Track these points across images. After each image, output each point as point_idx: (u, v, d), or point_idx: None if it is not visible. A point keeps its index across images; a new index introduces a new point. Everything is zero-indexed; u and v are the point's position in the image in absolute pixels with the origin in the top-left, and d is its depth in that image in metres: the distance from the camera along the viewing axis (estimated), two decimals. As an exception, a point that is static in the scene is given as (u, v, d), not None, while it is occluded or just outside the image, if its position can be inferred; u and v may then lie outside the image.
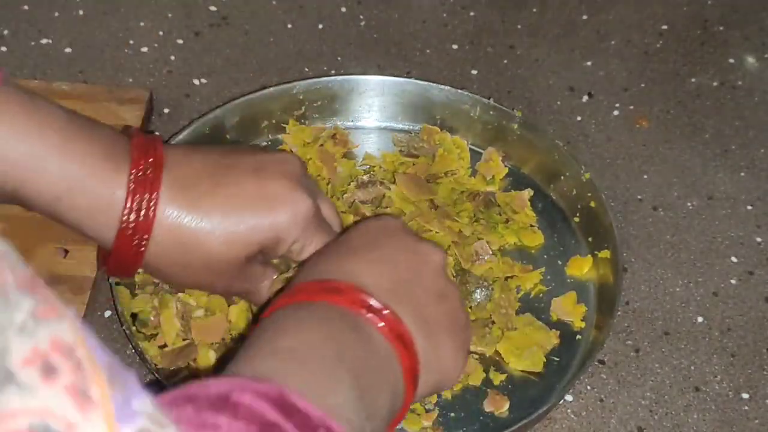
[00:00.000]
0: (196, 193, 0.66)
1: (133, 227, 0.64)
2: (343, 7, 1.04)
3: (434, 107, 0.90)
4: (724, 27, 1.05)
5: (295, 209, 0.67)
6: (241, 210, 0.66)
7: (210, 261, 0.67)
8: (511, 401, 0.74)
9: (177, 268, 0.67)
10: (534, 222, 0.85)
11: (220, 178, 0.67)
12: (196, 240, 0.66)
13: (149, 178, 0.64)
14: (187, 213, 0.65)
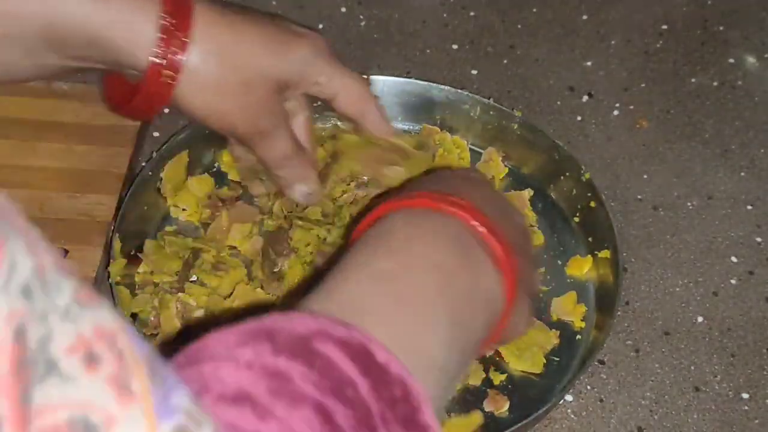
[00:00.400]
0: (232, 17, 0.66)
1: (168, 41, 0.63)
2: (343, 7, 1.04)
3: (434, 107, 0.90)
4: (724, 27, 1.05)
5: (317, 41, 0.71)
6: (273, 35, 0.68)
7: (249, 82, 0.67)
8: (511, 401, 0.74)
9: (211, 90, 0.66)
10: (534, 222, 0.85)
11: (249, 11, 0.69)
12: (234, 56, 0.66)
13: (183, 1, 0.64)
14: (222, 31, 0.65)
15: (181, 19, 0.63)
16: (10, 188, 0.82)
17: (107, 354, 0.31)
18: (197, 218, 0.83)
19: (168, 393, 0.33)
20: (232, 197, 0.84)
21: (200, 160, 0.86)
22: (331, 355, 0.43)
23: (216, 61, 0.65)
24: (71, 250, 0.79)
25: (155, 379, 0.33)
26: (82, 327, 0.31)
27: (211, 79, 0.65)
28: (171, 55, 0.63)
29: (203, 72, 0.65)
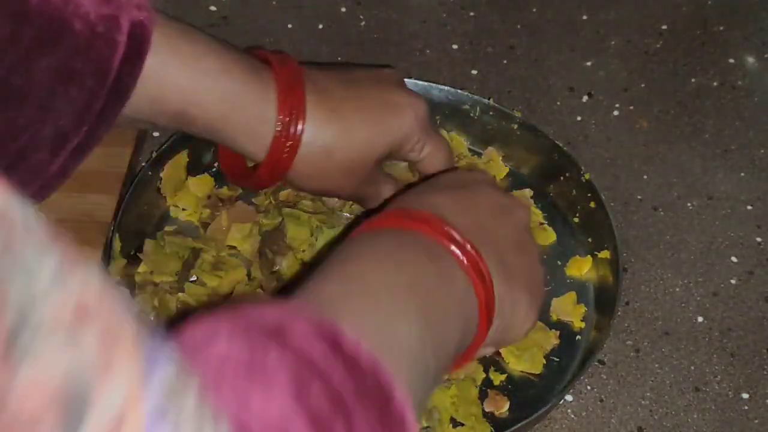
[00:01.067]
0: (334, 101, 0.72)
1: (285, 136, 0.70)
2: (343, 7, 1.04)
3: (434, 107, 0.90)
4: (724, 27, 1.05)
5: (416, 111, 0.75)
6: (375, 113, 0.73)
7: (349, 162, 0.73)
8: (511, 401, 0.74)
9: (318, 173, 0.73)
10: (542, 219, 0.85)
11: (350, 87, 0.74)
12: (339, 142, 0.72)
13: (294, 91, 0.71)
14: (329, 118, 0.71)
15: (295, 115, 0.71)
16: (10, 188, 0.82)
17: (92, 320, 0.31)
18: (197, 218, 0.83)
19: (156, 352, 0.33)
20: (232, 197, 0.84)
21: (200, 160, 0.86)
22: (303, 343, 0.44)
23: (321, 149, 0.72)
24: (71, 250, 0.79)
25: (140, 344, 0.33)
26: (67, 294, 0.31)
27: (315, 165, 0.72)
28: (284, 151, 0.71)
29: (309, 160, 0.72)
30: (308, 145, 0.71)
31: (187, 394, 0.34)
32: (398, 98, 0.75)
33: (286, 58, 0.73)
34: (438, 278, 0.58)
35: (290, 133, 0.70)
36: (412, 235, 0.60)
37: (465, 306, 0.60)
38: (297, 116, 0.70)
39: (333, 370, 0.44)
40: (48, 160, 0.65)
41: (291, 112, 0.70)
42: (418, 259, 0.58)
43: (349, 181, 0.74)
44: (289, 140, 0.70)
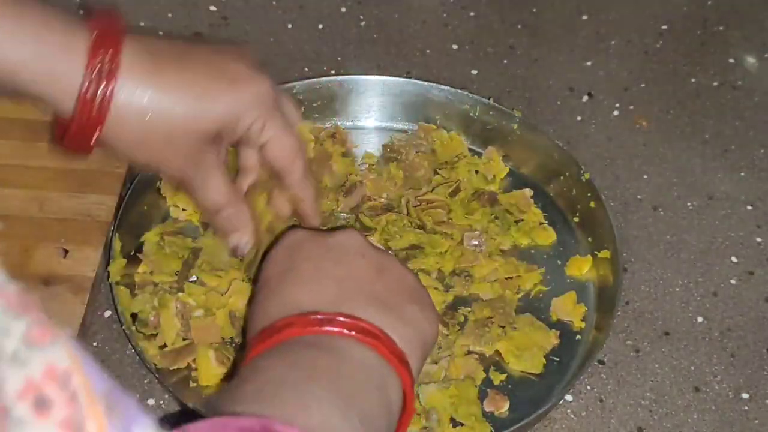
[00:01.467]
0: (157, 63, 0.64)
1: (91, 95, 0.62)
2: (343, 7, 1.04)
3: (434, 107, 0.91)
4: (724, 27, 1.05)
5: (256, 87, 0.67)
6: (204, 84, 0.65)
7: (170, 135, 0.65)
8: (511, 401, 0.74)
9: (135, 142, 0.65)
10: (542, 219, 0.85)
11: (183, 52, 0.66)
12: (159, 109, 0.64)
13: (109, 42, 0.62)
14: (148, 79, 0.63)
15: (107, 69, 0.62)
16: (11, 188, 0.83)
17: (59, 396, 0.31)
18: (197, 218, 0.83)
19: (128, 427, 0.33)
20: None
21: (200, 160, 0.86)
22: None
23: (136, 114, 0.63)
24: (71, 250, 0.79)
25: (114, 415, 0.32)
26: (31, 370, 0.30)
27: (133, 131, 0.64)
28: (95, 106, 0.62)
29: (124, 124, 0.64)
30: (123, 105, 0.63)
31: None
32: (236, 71, 0.67)
33: (111, 12, 0.65)
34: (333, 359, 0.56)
35: (98, 89, 0.62)
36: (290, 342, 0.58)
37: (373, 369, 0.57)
38: (109, 71, 0.62)
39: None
40: None
41: (101, 66, 0.62)
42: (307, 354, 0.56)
43: (171, 154, 0.66)
44: (97, 97, 0.62)
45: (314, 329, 0.57)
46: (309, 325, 0.57)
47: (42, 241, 0.79)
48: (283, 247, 0.65)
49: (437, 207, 0.84)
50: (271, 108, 0.68)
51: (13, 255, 0.78)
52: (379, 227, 0.83)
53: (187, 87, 0.64)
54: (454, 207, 0.84)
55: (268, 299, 0.62)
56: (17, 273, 0.76)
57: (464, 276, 0.80)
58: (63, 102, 0.63)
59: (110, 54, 0.62)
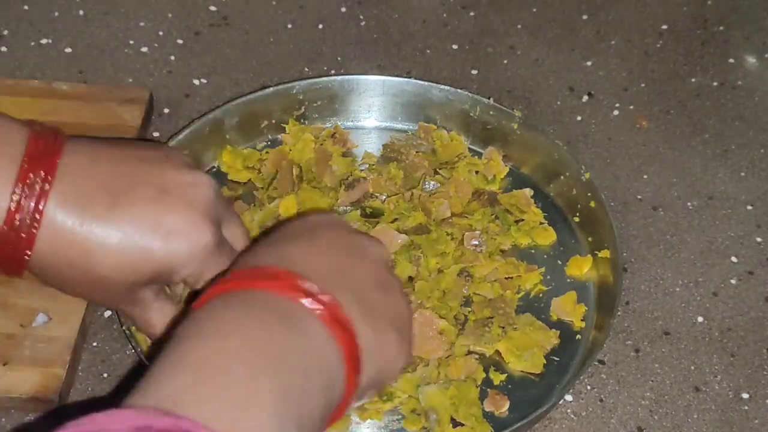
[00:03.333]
0: (90, 209, 0.61)
1: (15, 235, 0.60)
2: (343, 7, 1.04)
3: (434, 107, 0.91)
4: (724, 27, 1.05)
5: (193, 243, 0.63)
6: (135, 237, 0.62)
7: (94, 282, 0.63)
8: (511, 401, 0.74)
9: (59, 281, 0.64)
10: (542, 219, 0.85)
11: (119, 197, 0.62)
12: (84, 260, 0.62)
13: (40, 185, 0.60)
14: (77, 228, 0.61)
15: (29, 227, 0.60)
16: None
17: None
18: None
19: None
20: (232, 197, 0.84)
21: (200, 160, 0.86)
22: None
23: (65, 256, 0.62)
24: (71, 250, 0.79)
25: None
26: None
27: (60, 272, 0.63)
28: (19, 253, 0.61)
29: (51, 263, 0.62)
30: (46, 248, 0.61)
31: None
32: (176, 223, 0.63)
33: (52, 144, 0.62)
34: (292, 341, 0.52)
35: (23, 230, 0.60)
36: (262, 296, 0.54)
37: (326, 362, 0.54)
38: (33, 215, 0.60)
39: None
40: None
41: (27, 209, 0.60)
42: (267, 327, 0.52)
43: (99, 297, 0.66)
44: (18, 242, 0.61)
45: (292, 294, 0.54)
46: (290, 286, 0.54)
47: (42, 241, 0.79)
48: (310, 219, 0.64)
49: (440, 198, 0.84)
50: (208, 260, 0.64)
51: (13, 255, 0.78)
52: (386, 210, 0.83)
53: (118, 238, 0.62)
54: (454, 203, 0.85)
55: (264, 247, 0.60)
56: (17, 273, 0.77)
57: (464, 276, 0.80)
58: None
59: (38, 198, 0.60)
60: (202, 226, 0.63)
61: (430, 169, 0.87)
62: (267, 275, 0.55)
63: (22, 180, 0.60)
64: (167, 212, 0.63)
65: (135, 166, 0.64)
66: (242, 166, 0.86)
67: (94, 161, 0.63)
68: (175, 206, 0.63)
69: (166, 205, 0.63)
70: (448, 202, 0.84)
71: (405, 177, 0.86)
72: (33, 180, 0.60)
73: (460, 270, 0.80)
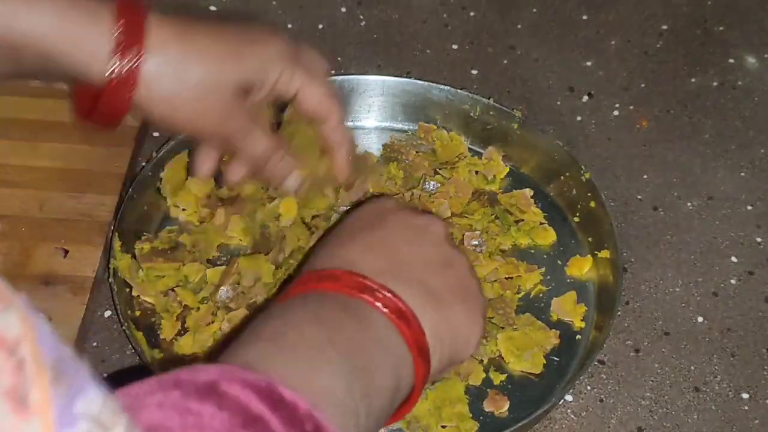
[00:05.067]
0: (185, 25, 0.67)
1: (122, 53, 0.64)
2: (343, 7, 1.04)
3: (434, 107, 0.91)
4: (724, 27, 1.05)
5: (276, 44, 0.70)
6: (230, 42, 0.68)
7: (203, 89, 0.67)
8: (511, 401, 0.74)
9: (168, 103, 0.67)
10: (542, 219, 0.85)
11: (203, 24, 0.69)
12: (189, 67, 0.66)
13: (133, 8, 0.64)
14: (174, 39, 0.66)
15: (134, 32, 0.64)
16: (11, 188, 0.83)
17: (5, 365, 0.31)
18: (197, 218, 0.83)
19: (74, 399, 0.33)
20: (232, 197, 0.84)
21: (200, 160, 0.86)
22: (239, 395, 0.45)
23: (167, 73, 0.66)
24: (71, 250, 0.79)
25: (60, 385, 0.32)
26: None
27: (164, 91, 0.66)
28: (126, 67, 0.64)
29: (156, 84, 0.66)
30: (154, 66, 0.65)
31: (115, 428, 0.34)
32: (257, 33, 0.70)
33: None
34: (357, 327, 0.56)
35: (129, 50, 0.64)
36: (326, 294, 0.59)
37: (392, 348, 0.57)
38: (137, 32, 0.64)
39: (270, 419, 0.44)
40: None
41: (130, 28, 0.64)
42: (333, 313, 0.57)
43: (206, 111, 0.68)
44: (128, 57, 0.64)
45: (353, 291, 0.58)
46: (350, 285, 0.58)
47: (42, 241, 0.79)
48: (372, 207, 0.67)
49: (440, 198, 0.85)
50: (294, 60, 0.71)
51: (13, 255, 0.78)
52: None
53: (213, 46, 0.67)
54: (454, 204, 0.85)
55: (326, 247, 0.64)
56: (17, 273, 0.77)
57: None
58: (92, 67, 0.64)
59: (137, 15, 0.64)
60: (278, 35, 0.71)
61: (430, 169, 0.87)
62: (326, 277, 0.59)
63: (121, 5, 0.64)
64: (248, 30, 0.70)
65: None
66: (242, 166, 0.86)
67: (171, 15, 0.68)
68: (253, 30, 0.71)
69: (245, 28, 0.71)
70: (448, 202, 0.84)
71: (405, 177, 0.86)
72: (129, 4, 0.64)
73: None
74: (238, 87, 0.69)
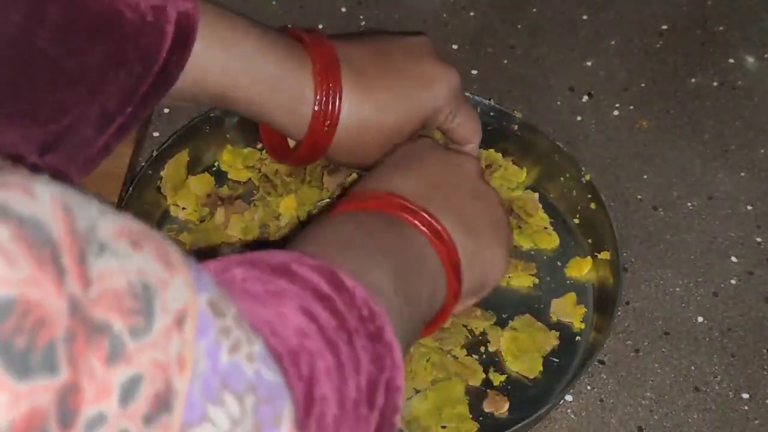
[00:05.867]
0: (368, 80, 0.74)
1: (324, 115, 0.73)
2: (343, 7, 1.04)
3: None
4: (724, 27, 1.05)
5: (448, 82, 0.77)
6: (407, 89, 0.75)
7: (385, 137, 0.75)
8: (511, 402, 0.74)
9: (356, 148, 0.75)
10: (548, 224, 0.85)
11: (383, 63, 0.76)
12: (375, 120, 0.74)
13: (330, 71, 0.73)
14: (365, 97, 0.74)
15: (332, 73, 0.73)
16: (10, 188, 0.82)
17: (146, 239, 0.37)
18: (197, 217, 0.83)
19: (199, 272, 0.40)
20: (232, 196, 0.84)
21: (200, 159, 0.86)
22: (308, 275, 0.51)
23: (357, 127, 0.74)
24: (71, 250, 0.79)
25: (187, 261, 0.39)
26: (122, 221, 0.37)
27: (353, 144, 0.75)
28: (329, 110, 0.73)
29: (347, 138, 0.74)
30: (345, 123, 0.74)
31: (228, 309, 0.41)
32: (431, 71, 0.76)
33: (319, 38, 0.75)
34: (399, 241, 0.63)
35: (328, 113, 0.73)
36: (369, 212, 0.65)
37: (429, 263, 0.64)
38: (334, 96, 0.73)
39: (335, 298, 0.50)
40: (93, 137, 0.67)
41: (328, 93, 0.73)
42: (378, 227, 0.63)
43: (381, 153, 0.76)
44: (327, 119, 0.73)
45: (395, 211, 0.65)
46: (392, 205, 0.65)
47: (42, 241, 0.79)
48: (410, 147, 0.74)
49: None
50: (461, 96, 0.78)
51: (13, 255, 0.78)
52: None
53: (395, 99, 0.75)
54: None
55: (370, 177, 0.71)
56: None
57: None
58: (296, 128, 0.75)
59: (333, 81, 0.73)
60: (450, 68, 0.77)
61: None
62: (369, 197, 0.67)
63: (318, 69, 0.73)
64: (420, 65, 0.77)
65: (374, 43, 0.78)
66: (242, 166, 0.86)
67: (349, 46, 0.76)
68: (422, 59, 0.77)
69: (416, 60, 0.77)
70: None
71: None
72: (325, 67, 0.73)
73: None
74: (415, 131, 0.76)
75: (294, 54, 0.73)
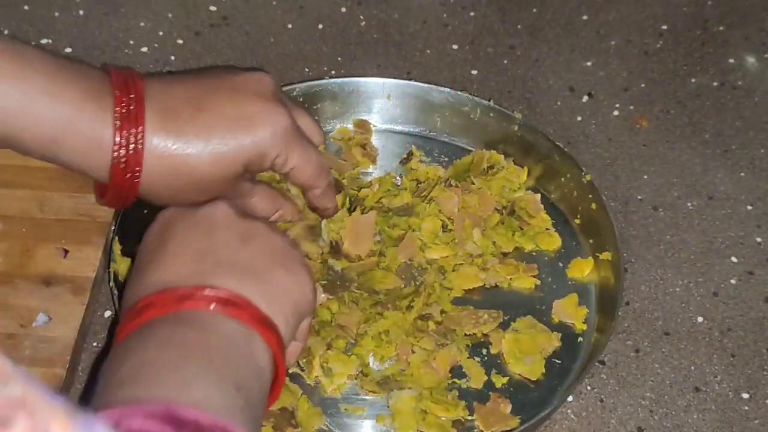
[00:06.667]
0: (179, 122, 0.68)
1: (125, 162, 0.66)
2: (343, 7, 1.04)
3: (434, 109, 0.90)
4: (724, 27, 1.05)
5: (273, 125, 0.70)
6: (223, 132, 0.68)
7: (199, 182, 0.69)
8: (513, 404, 0.74)
9: (169, 192, 0.69)
10: (549, 225, 0.85)
11: (199, 103, 0.69)
12: (185, 165, 0.68)
13: (133, 114, 0.66)
14: (173, 141, 0.67)
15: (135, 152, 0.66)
16: (11, 188, 0.83)
17: (18, 414, 0.32)
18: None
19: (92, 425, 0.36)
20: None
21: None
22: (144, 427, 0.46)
23: (165, 171, 0.68)
24: (71, 250, 0.79)
25: (74, 417, 0.34)
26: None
27: (164, 188, 0.69)
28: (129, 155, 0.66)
29: (157, 182, 0.68)
30: (151, 168, 0.67)
31: None
32: (253, 112, 0.70)
33: (130, 76, 0.68)
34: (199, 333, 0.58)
35: (129, 159, 0.66)
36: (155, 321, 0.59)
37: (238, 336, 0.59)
38: (136, 141, 0.66)
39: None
40: None
41: (128, 138, 0.66)
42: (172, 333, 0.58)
43: (205, 197, 0.70)
44: (128, 167, 0.67)
45: (175, 306, 0.59)
46: (168, 303, 0.59)
47: (42, 242, 0.79)
48: (155, 226, 0.68)
49: None
50: (290, 139, 0.71)
51: (14, 255, 0.78)
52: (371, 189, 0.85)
53: (206, 143, 0.68)
54: None
55: (135, 280, 0.64)
56: (17, 273, 0.77)
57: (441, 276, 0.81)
58: (98, 174, 0.67)
59: (135, 126, 0.66)
60: (278, 109, 0.70)
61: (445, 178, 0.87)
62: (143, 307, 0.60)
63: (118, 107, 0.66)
64: (244, 105, 0.69)
65: (201, 80, 0.71)
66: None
67: (167, 84, 0.69)
68: (248, 99, 0.70)
69: (241, 101, 0.70)
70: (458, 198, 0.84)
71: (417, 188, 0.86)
72: (128, 109, 0.66)
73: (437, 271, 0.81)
74: (235, 175, 0.70)
75: (94, 95, 0.66)
